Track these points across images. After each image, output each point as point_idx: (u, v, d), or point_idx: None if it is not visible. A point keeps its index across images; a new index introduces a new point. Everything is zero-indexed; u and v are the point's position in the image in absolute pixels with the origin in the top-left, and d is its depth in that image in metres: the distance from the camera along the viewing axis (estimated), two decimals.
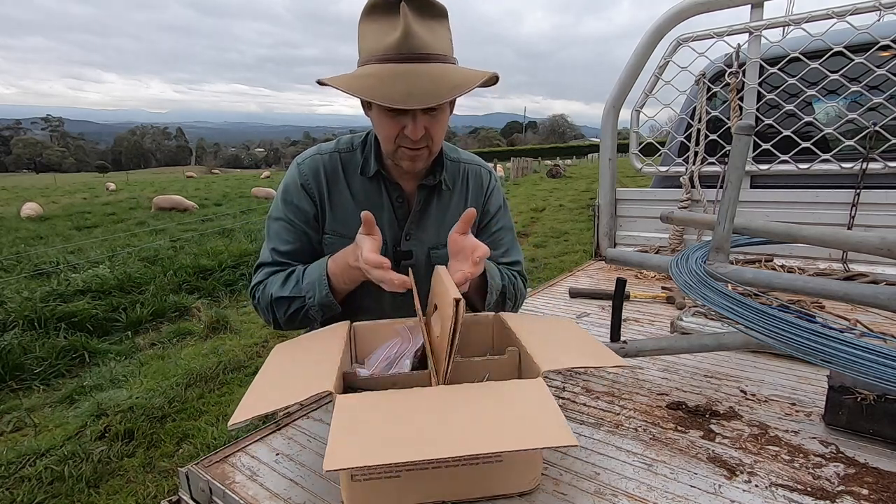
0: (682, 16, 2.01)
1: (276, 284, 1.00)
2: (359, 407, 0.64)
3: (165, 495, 1.96)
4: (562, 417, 0.59)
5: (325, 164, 1.06)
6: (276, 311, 1.00)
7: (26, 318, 3.74)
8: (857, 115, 1.80)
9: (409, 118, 0.88)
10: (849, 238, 0.97)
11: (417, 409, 0.63)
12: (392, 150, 0.95)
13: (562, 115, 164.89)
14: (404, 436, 0.57)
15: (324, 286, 0.95)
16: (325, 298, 0.95)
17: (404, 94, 0.81)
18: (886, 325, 1.29)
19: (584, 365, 0.74)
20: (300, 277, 0.99)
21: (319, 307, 0.96)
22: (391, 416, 0.62)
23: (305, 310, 0.98)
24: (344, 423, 0.60)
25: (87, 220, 10.62)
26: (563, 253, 6.29)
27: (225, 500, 0.71)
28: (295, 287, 0.99)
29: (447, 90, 0.83)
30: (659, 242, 2.24)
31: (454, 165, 1.12)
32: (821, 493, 0.67)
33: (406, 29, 0.81)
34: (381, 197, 1.06)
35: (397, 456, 0.54)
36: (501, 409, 0.62)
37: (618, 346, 1.03)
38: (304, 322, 1.02)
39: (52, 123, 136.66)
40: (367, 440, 0.57)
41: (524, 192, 15.30)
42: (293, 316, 1.00)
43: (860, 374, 0.65)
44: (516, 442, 0.55)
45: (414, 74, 0.82)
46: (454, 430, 0.58)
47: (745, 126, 0.96)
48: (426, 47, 0.84)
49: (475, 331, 0.96)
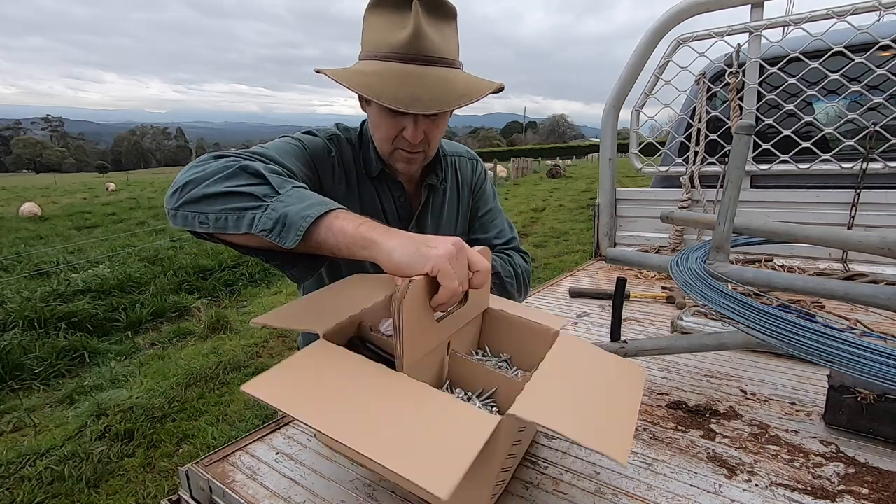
0: (682, 16, 2.01)
1: (265, 166, 0.72)
2: (323, 356, 0.60)
3: (165, 495, 1.96)
4: (469, 457, 0.47)
5: (348, 149, 1.00)
6: (218, 175, 0.68)
7: (26, 318, 3.74)
8: (857, 115, 1.80)
9: (409, 120, 0.87)
10: (849, 238, 0.96)
11: (369, 388, 0.56)
12: (388, 150, 0.94)
13: (562, 115, 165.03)
14: (330, 404, 0.52)
15: (316, 210, 0.64)
16: (298, 217, 0.63)
17: (411, 97, 0.78)
18: (886, 324, 1.29)
19: (577, 440, 0.52)
20: (296, 183, 0.71)
21: (277, 220, 0.63)
22: (341, 382, 0.56)
23: (252, 206, 0.65)
24: (296, 361, 0.58)
25: (87, 220, 10.62)
26: (563, 253, 6.29)
27: (225, 500, 0.71)
28: (281, 179, 0.69)
29: (455, 98, 0.81)
30: (659, 242, 2.24)
31: (444, 159, 1.11)
32: (821, 492, 0.67)
33: (416, 29, 0.78)
34: (384, 195, 1.04)
35: (306, 417, 0.50)
36: (434, 426, 0.52)
37: (618, 346, 1.03)
38: (220, 220, 0.67)
39: (52, 123, 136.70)
40: (296, 386, 0.54)
41: (524, 192, 15.30)
42: (226, 196, 0.66)
43: (860, 373, 0.65)
44: (401, 465, 0.46)
45: (422, 78, 0.79)
46: (381, 427, 0.50)
47: (745, 126, 0.96)
48: (435, 50, 0.81)
49: (518, 332, 0.82)
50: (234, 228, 0.66)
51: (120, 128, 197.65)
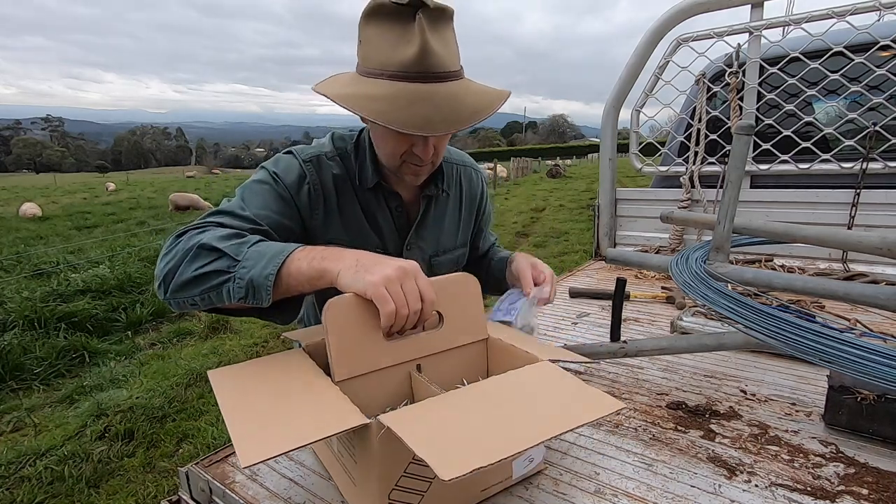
0: (682, 16, 2.01)
1: (218, 234, 0.76)
2: (282, 361, 0.71)
3: (165, 495, 1.96)
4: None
5: (333, 168, 0.97)
6: (184, 261, 0.74)
7: (26, 318, 3.74)
8: (857, 115, 1.80)
9: (419, 139, 0.85)
10: (849, 238, 0.96)
11: (290, 394, 0.62)
12: (396, 165, 0.92)
13: (562, 115, 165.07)
14: (251, 403, 0.61)
15: (274, 264, 0.70)
16: (262, 278, 0.69)
17: (423, 119, 0.77)
18: (886, 325, 1.29)
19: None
20: (250, 242, 0.75)
21: (247, 287, 0.70)
22: (275, 387, 0.64)
23: (222, 281, 0.72)
24: (259, 362, 0.72)
25: (87, 220, 10.63)
26: (563, 253, 6.30)
27: (225, 500, 0.71)
28: (235, 246, 0.73)
29: (467, 116, 0.80)
30: (659, 242, 2.24)
31: (447, 167, 1.09)
32: (821, 492, 0.67)
33: (423, 46, 0.75)
34: (380, 207, 1.01)
35: (224, 410, 0.60)
36: (300, 417, 0.57)
37: (618, 346, 1.03)
38: (205, 300, 0.74)
39: (52, 123, 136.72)
40: (241, 384, 0.67)
41: (524, 192, 15.30)
42: (198, 280, 0.73)
43: (860, 373, 0.65)
44: (237, 434, 0.55)
45: (433, 97, 0.77)
46: (264, 417, 0.57)
47: (745, 126, 0.96)
48: (442, 66, 0.78)
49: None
50: (219, 302, 0.74)
51: (120, 128, 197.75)
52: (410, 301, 0.66)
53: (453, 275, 0.78)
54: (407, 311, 0.65)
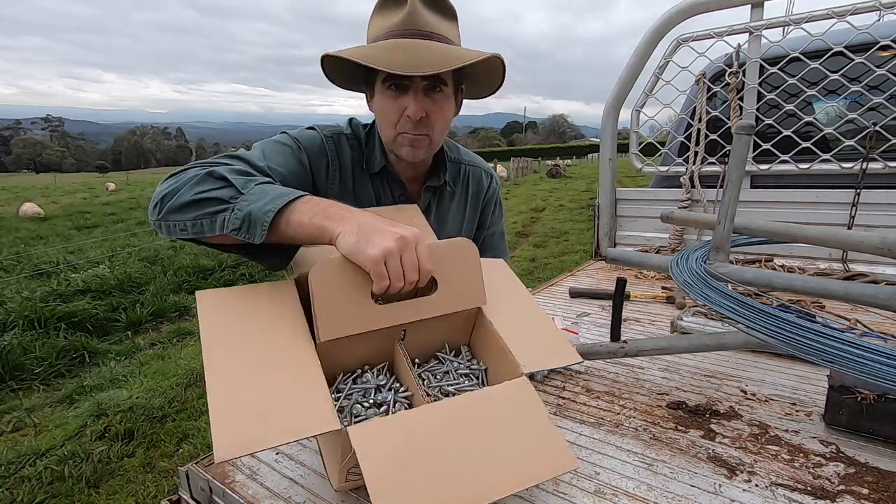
0: (682, 16, 2.01)
1: (230, 167, 0.76)
2: (268, 296, 0.70)
3: (165, 495, 1.96)
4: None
5: (350, 149, 1.00)
6: (188, 184, 0.73)
7: (26, 318, 3.73)
8: (857, 115, 1.80)
9: (410, 98, 0.87)
10: (849, 238, 0.97)
11: (270, 348, 0.63)
12: (392, 136, 0.93)
13: (562, 115, 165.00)
14: (233, 352, 0.61)
15: (276, 203, 0.67)
16: (260, 213, 0.67)
17: (406, 62, 0.81)
18: (886, 325, 1.29)
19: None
20: (259, 180, 0.74)
21: (244, 219, 0.68)
22: (260, 335, 0.64)
23: (220, 209, 0.70)
24: (248, 291, 0.70)
25: (87, 220, 10.62)
26: (563, 253, 6.29)
27: (225, 500, 0.71)
28: (244, 180, 0.73)
29: (450, 60, 0.83)
30: (659, 242, 2.24)
31: (454, 166, 1.11)
32: (821, 492, 0.67)
33: (412, 8, 0.83)
34: (385, 195, 1.03)
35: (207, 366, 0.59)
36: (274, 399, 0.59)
37: (618, 346, 1.03)
38: (197, 226, 0.72)
39: (51, 123, 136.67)
40: (225, 320, 0.65)
41: (524, 192, 15.30)
42: (197, 204, 0.71)
43: (860, 373, 0.65)
44: (216, 415, 0.57)
45: (419, 47, 0.83)
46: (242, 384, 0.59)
47: (745, 126, 0.96)
48: (431, 27, 0.85)
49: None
50: (209, 231, 0.71)
51: (120, 128, 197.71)
52: (408, 273, 0.64)
53: (454, 239, 0.75)
54: (402, 284, 0.64)
